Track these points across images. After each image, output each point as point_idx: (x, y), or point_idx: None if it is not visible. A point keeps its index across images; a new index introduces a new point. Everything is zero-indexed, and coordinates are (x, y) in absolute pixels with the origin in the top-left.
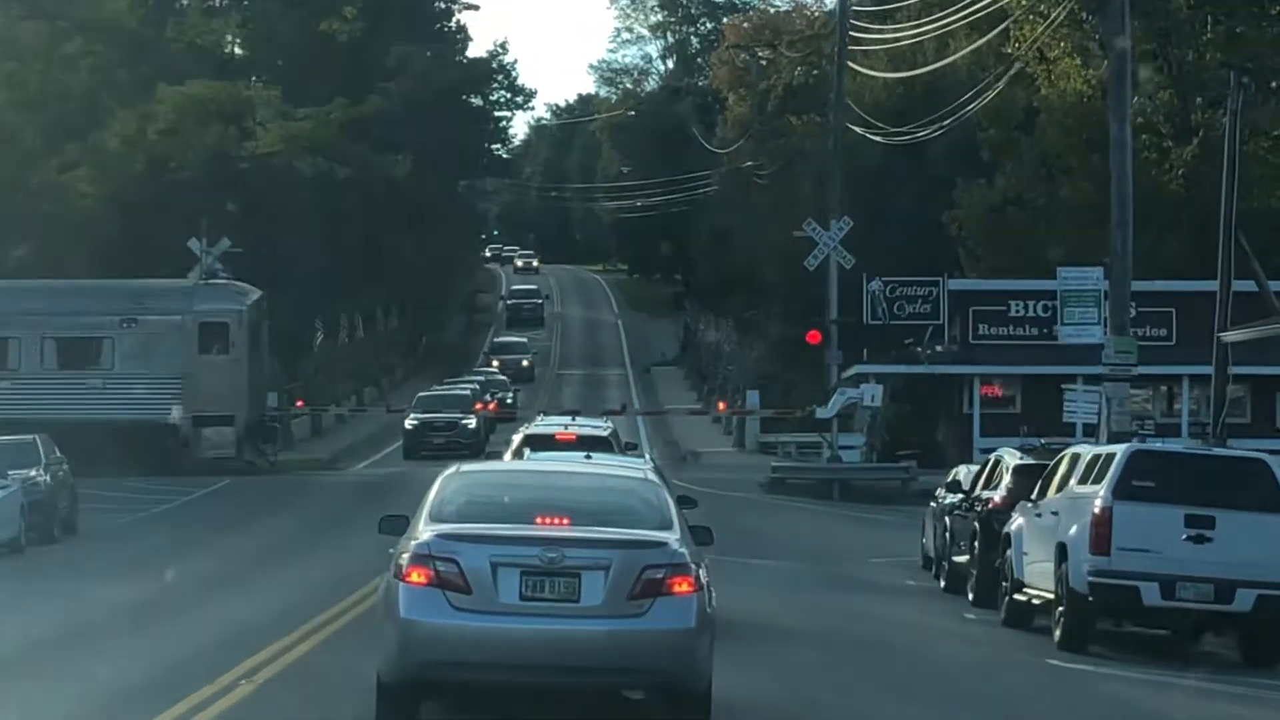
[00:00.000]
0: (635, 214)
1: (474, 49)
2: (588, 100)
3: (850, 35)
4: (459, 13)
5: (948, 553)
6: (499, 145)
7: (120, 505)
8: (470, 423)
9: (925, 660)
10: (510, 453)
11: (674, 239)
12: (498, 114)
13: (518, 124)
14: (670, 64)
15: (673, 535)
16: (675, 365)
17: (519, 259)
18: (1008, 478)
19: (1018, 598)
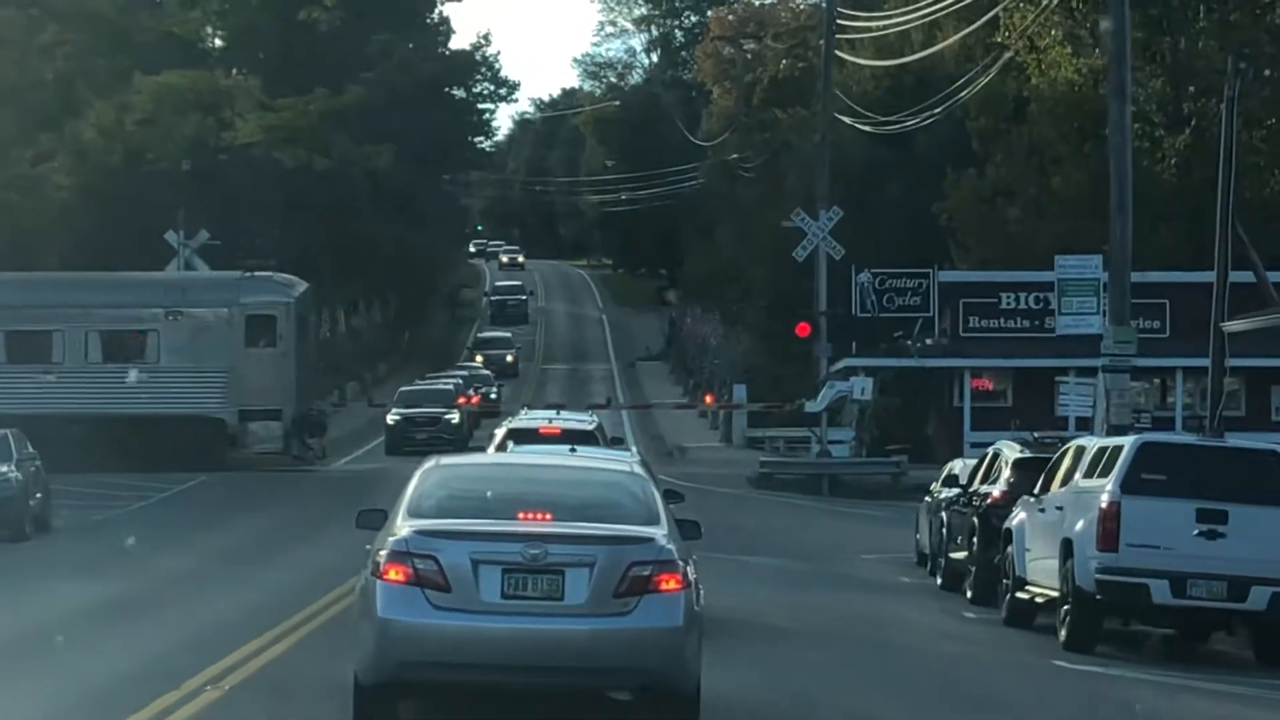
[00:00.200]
0: (620, 207)
1: (457, 41)
2: (572, 94)
3: (837, 24)
4: (441, 3)
5: (944, 549)
6: (482, 138)
7: (96, 501)
8: (453, 418)
9: (926, 661)
10: (493, 447)
11: (659, 233)
12: (481, 106)
13: (502, 118)
14: (654, 57)
15: (660, 530)
16: (660, 360)
17: (504, 254)
18: (1007, 472)
19: (1020, 596)
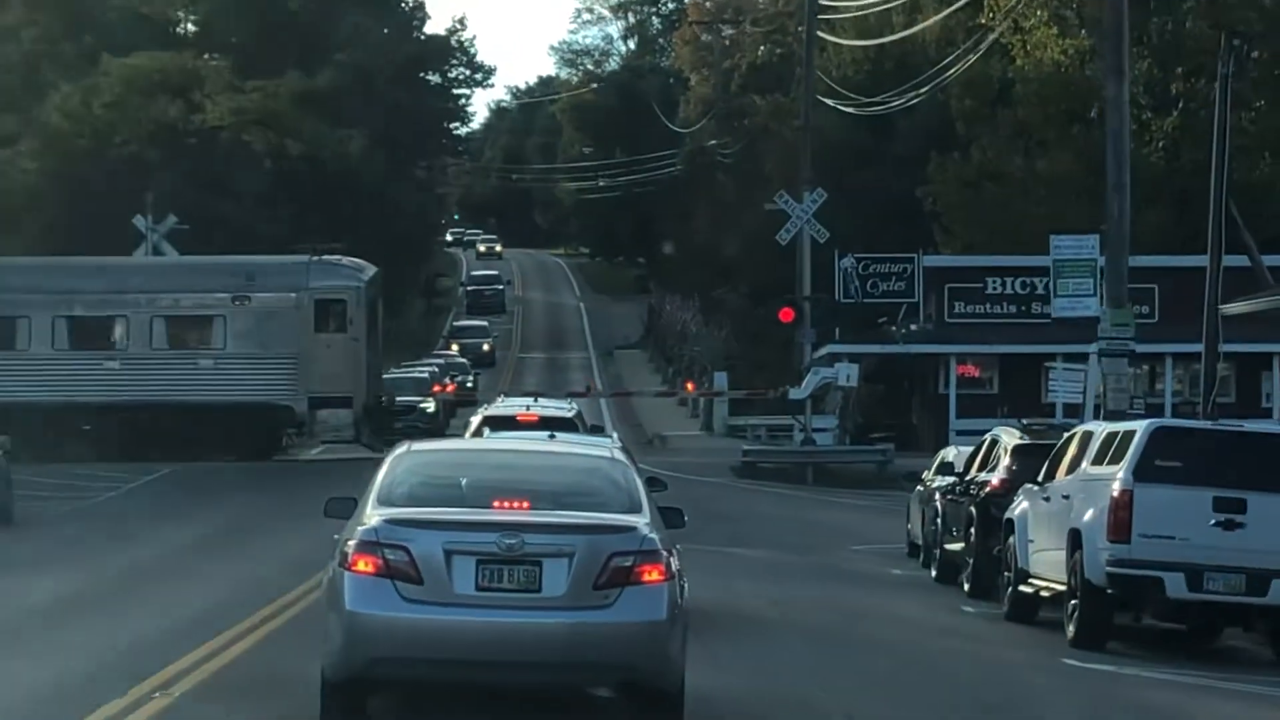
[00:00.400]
0: (597, 194)
1: (431, 27)
2: (548, 82)
3: (818, 4)
4: None
5: (939, 540)
6: (458, 124)
7: (64, 493)
8: (429, 406)
9: (927, 660)
10: (469, 434)
11: (636, 221)
12: (457, 92)
13: (478, 106)
14: (631, 44)
15: (642, 519)
16: (638, 348)
17: (481, 244)
18: (1006, 459)
19: (1023, 589)
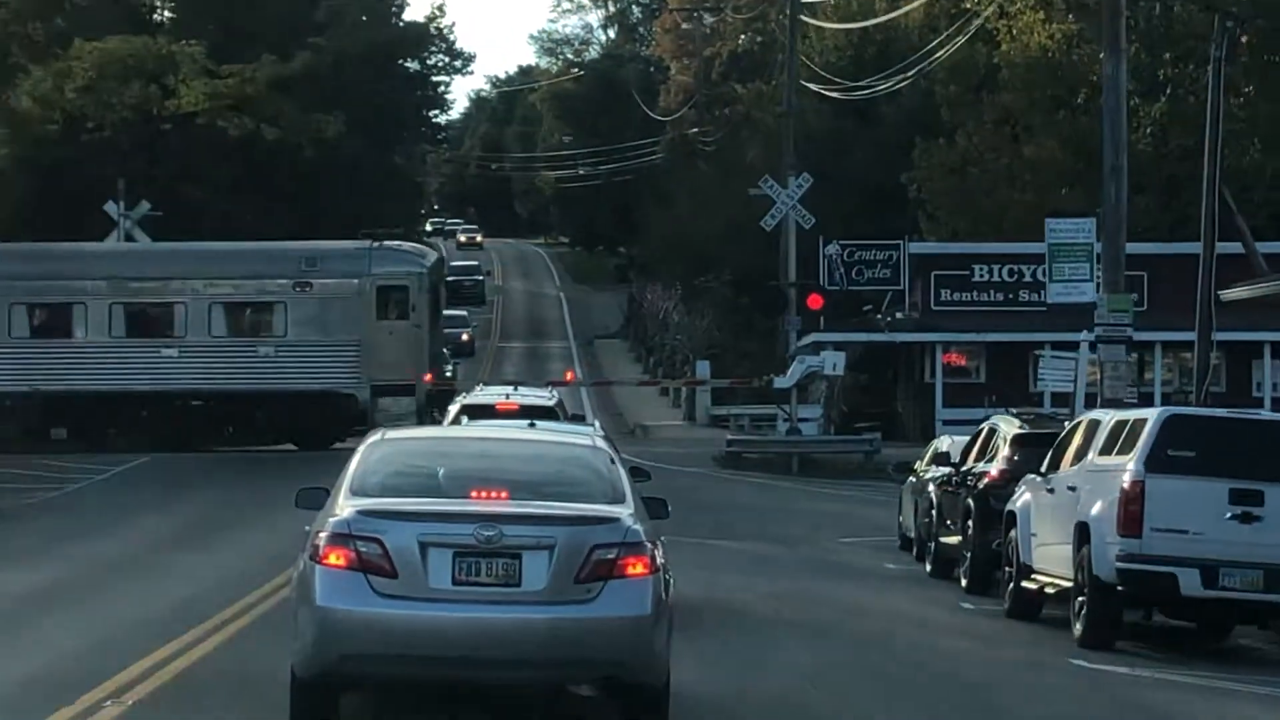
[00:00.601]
0: (577, 183)
1: (410, 14)
2: (528, 72)
3: None
4: None
5: (934, 533)
6: (437, 111)
7: (36, 482)
8: None
9: (927, 660)
10: (447, 423)
11: (617, 210)
12: (436, 79)
13: (458, 95)
14: (612, 33)
15: (625, 510)
16: (619, 338)
17: (462, 234)
18: (1005, 449)
19: (1025, 586)
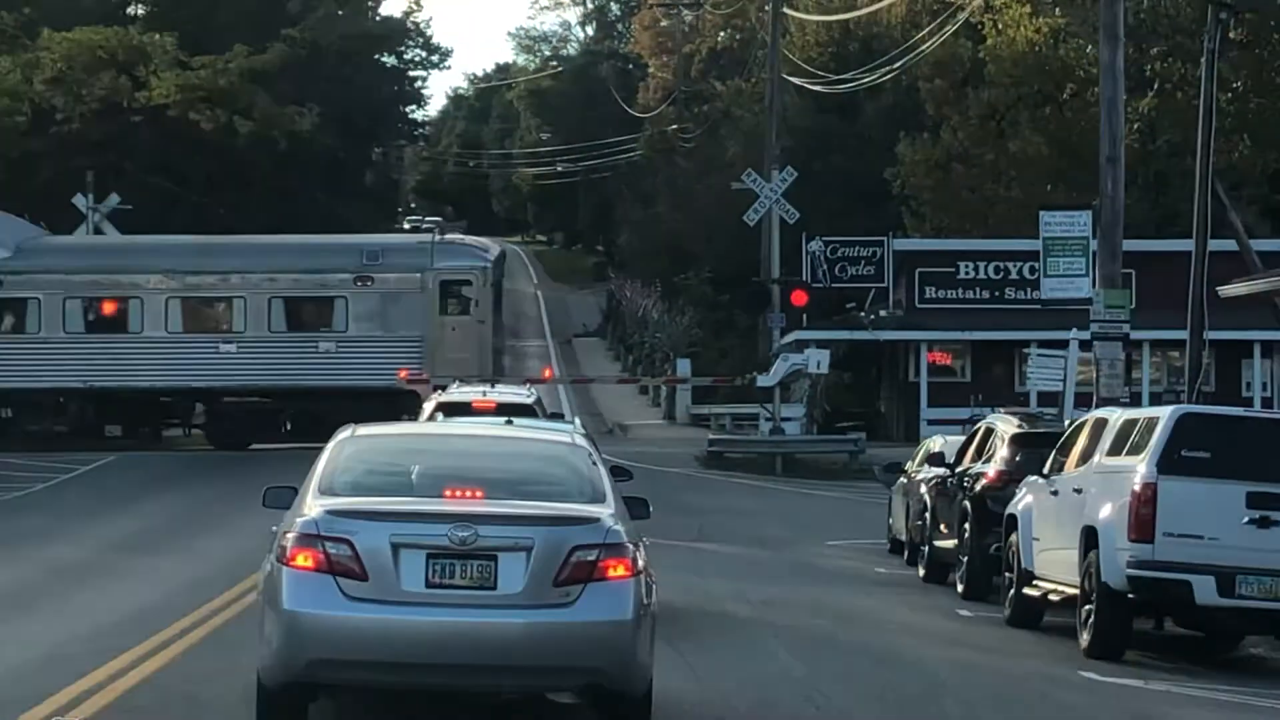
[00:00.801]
0: (555, 180)
1: (387, 9)
2: (506, 69)
3: None
4: None
5: (927, 537)
6: (415, 107)
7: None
8: None
9: (931, 672)
10: (422, 421)
11: (595, 207)
12: (412, 74)
13: (436, 93)
14: (590, 30)
15: (606, 510)
16: (597, 336)
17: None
18: (1003, 449)
19: (1027, 592)
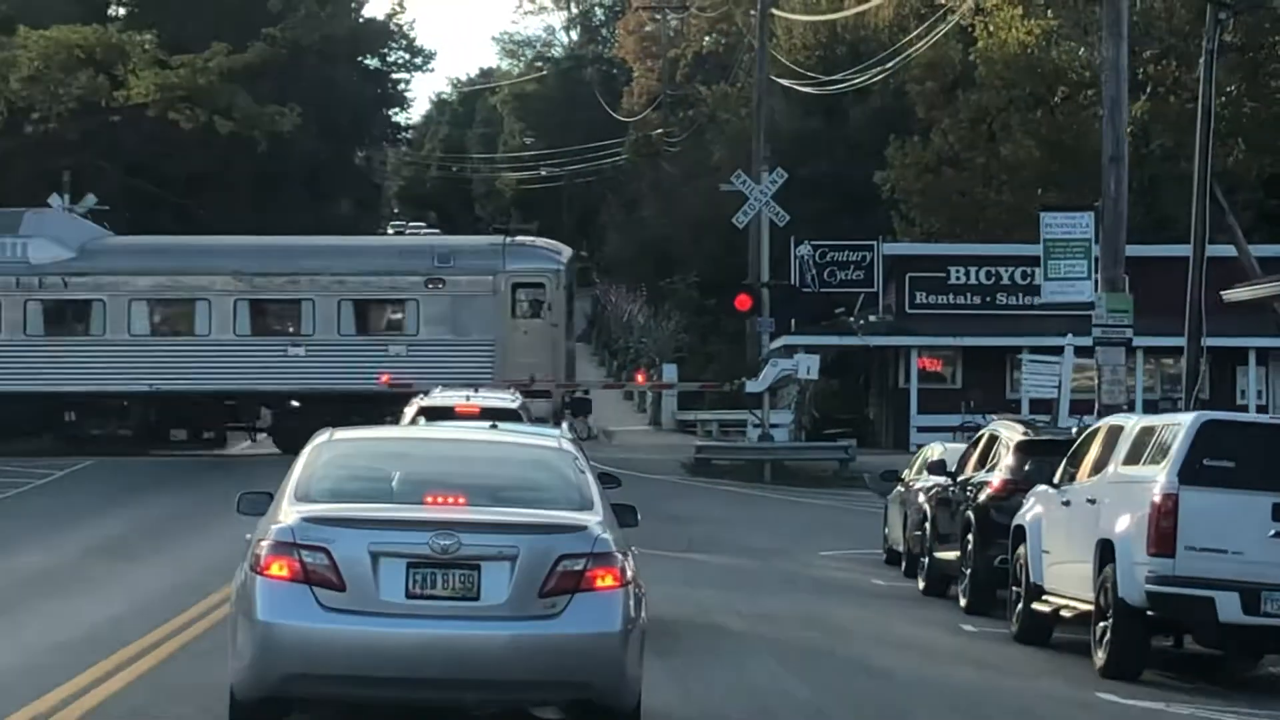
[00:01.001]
0: (539, 185)
1: (370, 10)
2: (489, 74)
3: None
4: None
5: (928, 548)
6: (398, 109)
7: None
8: None
9: (939, 692)
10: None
11: (580, 212)
12: (395, 76)
13: (419, 94)
14: (574, 35)
15: (594, 517)
16: (582, 341)
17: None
18: (1008, 457)
19: (1037, 608)
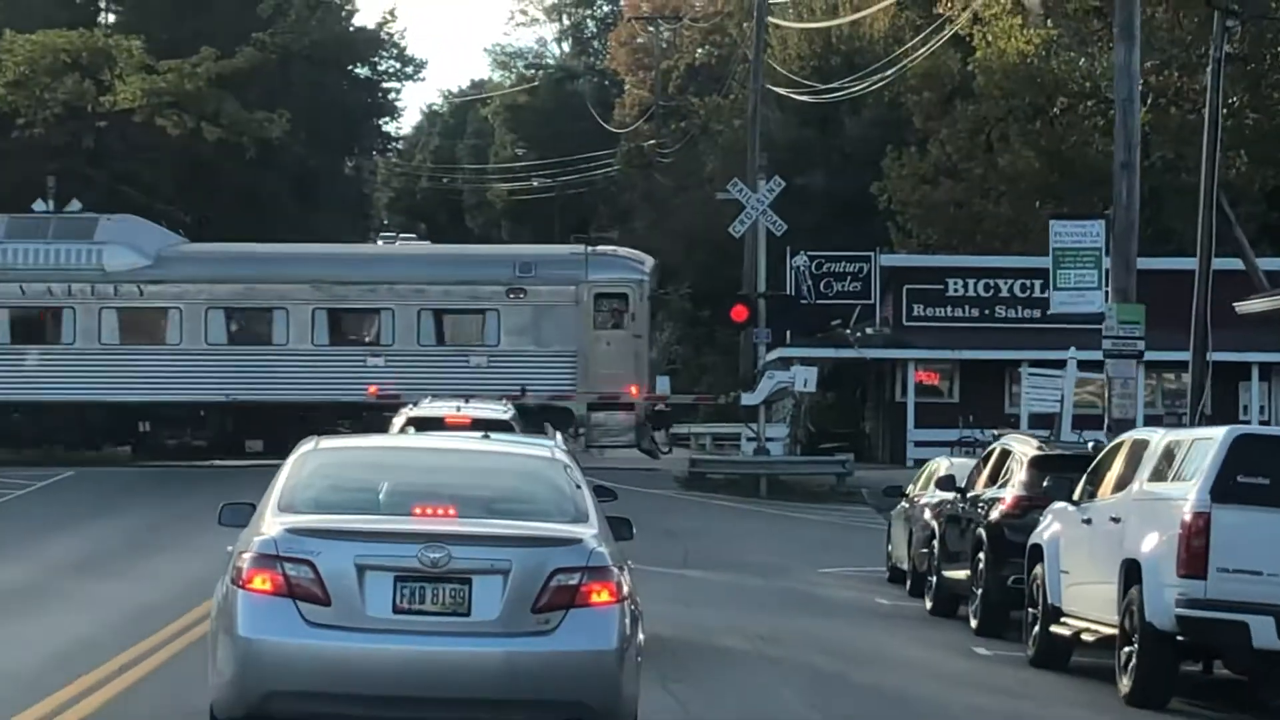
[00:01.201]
0: (530, 196)
1: (361, 19)
2: (481, 85)
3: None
4: None
5: (935, 566)
6: (388, 119)
7: None
8: None
9: None
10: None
11: (571, 223)
12: (386, 85)
13: (409, 105)
14: (566, 47)
15: (589, 530)
16: None
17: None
18: (1021, 473)
19: (1056, 631)
